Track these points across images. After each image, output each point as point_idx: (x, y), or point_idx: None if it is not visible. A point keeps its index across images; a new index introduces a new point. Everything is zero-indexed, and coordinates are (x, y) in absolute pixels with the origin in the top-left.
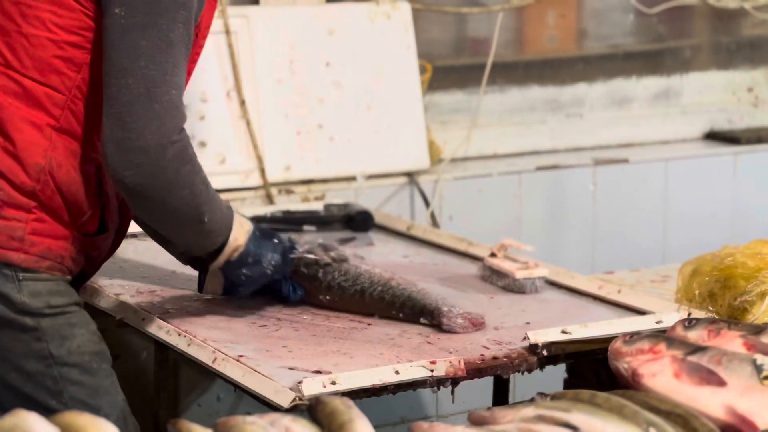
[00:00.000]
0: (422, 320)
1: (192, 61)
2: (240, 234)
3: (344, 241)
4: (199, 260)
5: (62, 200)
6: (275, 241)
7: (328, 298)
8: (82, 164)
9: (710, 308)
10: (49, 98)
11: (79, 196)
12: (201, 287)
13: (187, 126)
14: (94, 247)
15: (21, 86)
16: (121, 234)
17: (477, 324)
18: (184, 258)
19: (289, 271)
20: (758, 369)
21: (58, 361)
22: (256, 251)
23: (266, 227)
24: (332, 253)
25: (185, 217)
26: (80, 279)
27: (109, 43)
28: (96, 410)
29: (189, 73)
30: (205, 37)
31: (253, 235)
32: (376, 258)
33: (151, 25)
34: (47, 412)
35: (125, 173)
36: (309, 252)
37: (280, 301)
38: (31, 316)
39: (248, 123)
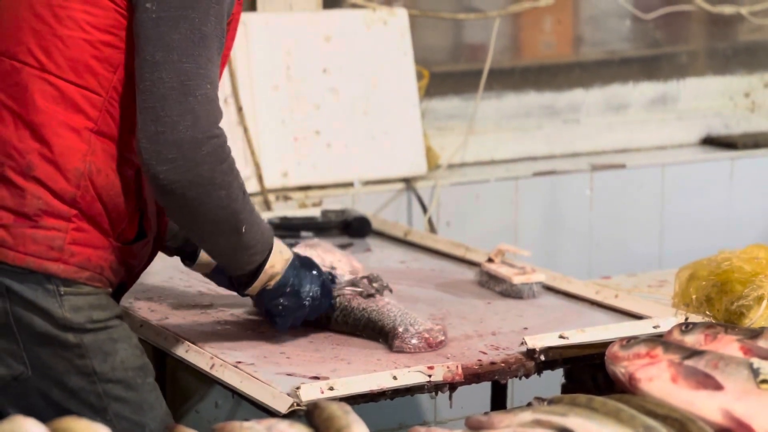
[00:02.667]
0: (380, 340)
1: (221, 63)
2: (277, 261)
3: (342, 247)
4: (238, 284)
5: (102, 207)
6: (314, 273)
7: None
8: (120, 168)
9: (707, 313)
10: (87, 100)
11: (119, 202)
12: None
13: None
14: (133, 255)
15: (57, 89)
16: (159, 242)
17: (433, 344)
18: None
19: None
20: (755, 373)
21: (102, 378)
22: (294, 281)
23: (306, 257)
24: (375, 284)
25: (221, 224)
26: (120, 290)
27: (141, 37)
28: (141, 426)
29: (220, 73)
30: (233, 39)
31: (292, 264)
32: (373, 264)
33: (184, 18)
34: None
35: (159, 168)
36: (352, 284)
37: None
38: (73, 332)
39: (245, 129)
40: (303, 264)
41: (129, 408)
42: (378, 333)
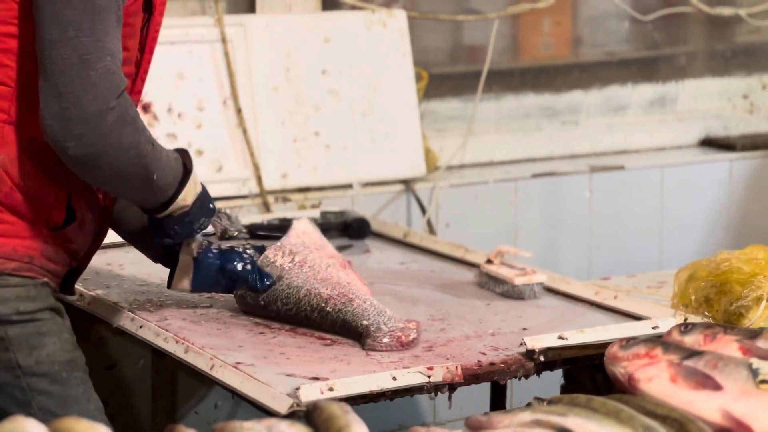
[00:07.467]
0: (359, 340)
1: (152, 39)
2: (189, 194)
3: (341, 249)
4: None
5: (23, 196)
6: (211, 207)
7: (278, 325)
8: (40, 155)
9: (706, 313)
10: None
11: (41, 189)
12: (170, 284)
13: (183, 134)
14: (69, 240)
15: None
16: (107, 220)
17: (405, 343)
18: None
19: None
20: (754, 373)
21: (26, 372)
22: (195, 213)
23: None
24: (225, 221)
25: (134, 177)
26: (72, 275)
27: (38, 18)
28: None
29: (150, 52)
30: (161, 14)
31: (200, 197)
32: (372, 265)
33: None
34: None
35: (67, 145)
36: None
37: (252, 290)
38: None
39: (245, 131)
40: (207, 199)
41: (54, 401)
42: (354, 334)
